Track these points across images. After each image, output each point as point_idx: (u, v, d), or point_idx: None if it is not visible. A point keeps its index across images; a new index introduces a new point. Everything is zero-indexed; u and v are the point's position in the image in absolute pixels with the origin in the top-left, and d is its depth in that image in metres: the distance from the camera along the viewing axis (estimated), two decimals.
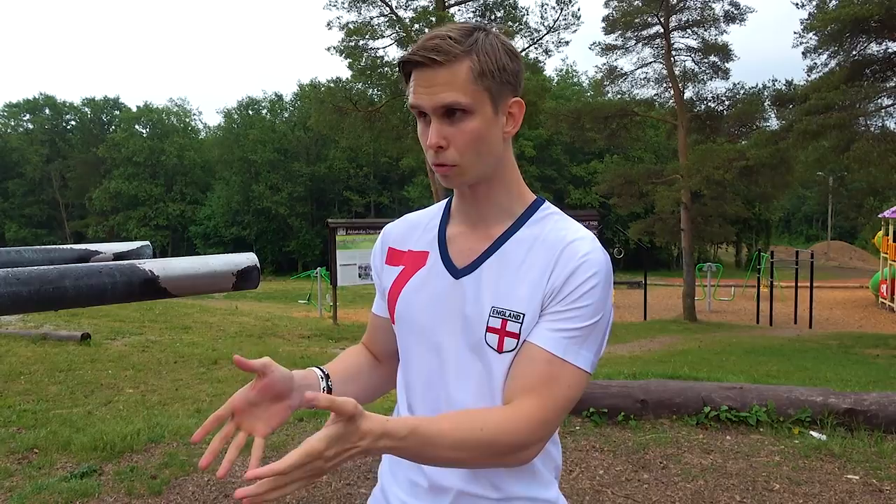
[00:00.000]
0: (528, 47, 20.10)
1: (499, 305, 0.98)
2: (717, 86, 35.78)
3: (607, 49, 21.23)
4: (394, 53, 19.72)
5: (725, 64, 20.40)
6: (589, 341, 0.97)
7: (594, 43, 21.28)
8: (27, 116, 55.62)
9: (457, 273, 1.03)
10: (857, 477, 3.45)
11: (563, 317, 0.96)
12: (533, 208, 1.06)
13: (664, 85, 21.31)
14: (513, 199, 1.05)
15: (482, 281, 1.01)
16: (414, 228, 1.14)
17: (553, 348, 0.95)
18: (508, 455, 0.93)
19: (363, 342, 1.23)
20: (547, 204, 1.07)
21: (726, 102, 20.72)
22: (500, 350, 0.98)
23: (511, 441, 0.92)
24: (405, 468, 1.07)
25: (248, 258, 1.62)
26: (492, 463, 0.95)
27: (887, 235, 20.86)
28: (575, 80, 50.51)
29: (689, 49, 20.91)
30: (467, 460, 0.91)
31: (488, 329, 0.98)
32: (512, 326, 0.97)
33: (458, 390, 1.02)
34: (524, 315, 0.97)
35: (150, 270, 1.34)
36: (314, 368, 1.06)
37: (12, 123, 55.83)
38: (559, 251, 0.98)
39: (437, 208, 1.16)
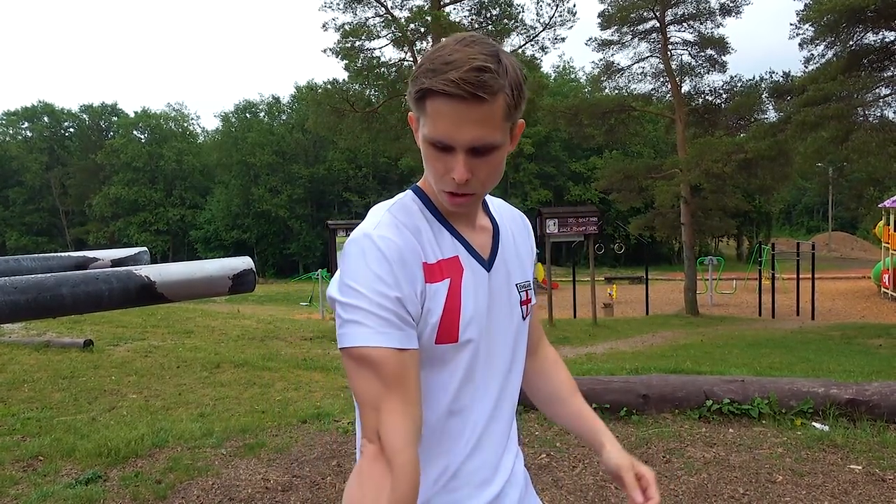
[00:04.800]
0: (524, 44, 20.05)
1: (519, 281, 1.11)
2: (715, 79, 35.87)
3: (604, 44, 21.24)
4: (390, 53, 19.78)
5: (722, 57, 20.41)
6: None
7: (590, 39, 21.31)
8: (26, 124, 55.70)
9: (487, 266, 1.06)
10: (859, 467, 3.45)
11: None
12: None
13: (661, 79, 21.32)
14: None
15: (504, 265, 1.09)
16: (420, 235, 0.99)
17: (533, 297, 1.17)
18: None
19: (415, 417, 0.88)
20: None
21: (724, 95, 20.72)
22: (525, 317, 1.12)
23: None
24: None
25: (243, 262, 1.62)
26: None
27: (888, 225, 20.85)
28: (572, 76, 50.53)
29: (686, 43, 20.93)
30: None
31: (521, 303, 1.10)
32: (531, 294, 1.14)
33: (514, 373, 1.11)
34: (531, 282, 1.14)
35: (147, 276, 1.34)
36: None
37: (11, 132, 55.92)
38: (522, 221, 1.18)
39: (414, 208, 1.02)
